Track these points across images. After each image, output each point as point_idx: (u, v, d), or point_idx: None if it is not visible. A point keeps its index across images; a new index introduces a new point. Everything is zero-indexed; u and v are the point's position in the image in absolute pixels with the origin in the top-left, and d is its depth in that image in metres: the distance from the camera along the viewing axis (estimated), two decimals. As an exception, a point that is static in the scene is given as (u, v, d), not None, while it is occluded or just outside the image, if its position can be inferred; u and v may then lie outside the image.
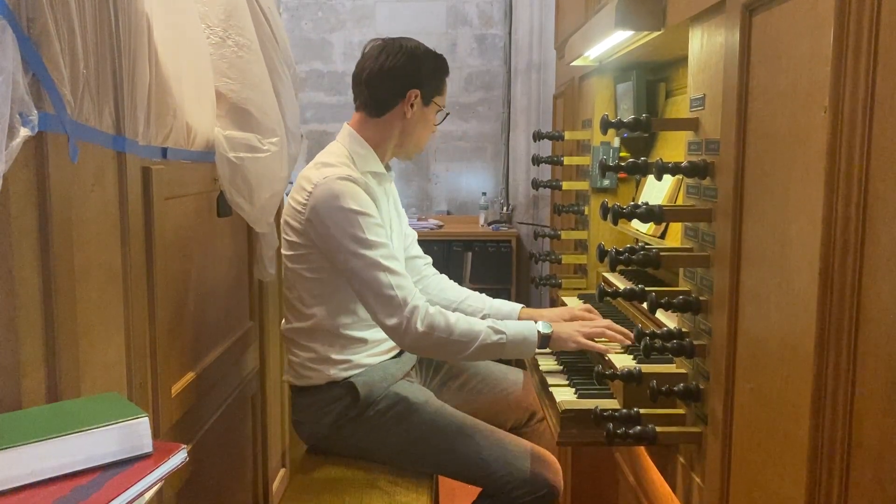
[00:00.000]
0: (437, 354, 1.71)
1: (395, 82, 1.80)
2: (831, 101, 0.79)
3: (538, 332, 1.71)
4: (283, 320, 1.87)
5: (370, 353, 1.79)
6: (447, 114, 1.92)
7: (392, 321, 1.65)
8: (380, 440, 1.76)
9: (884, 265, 0.72)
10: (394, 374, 1.81)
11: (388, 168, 1.90)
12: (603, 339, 1.68)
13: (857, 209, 0.76)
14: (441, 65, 1.87)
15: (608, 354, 1.59)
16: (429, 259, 2.13)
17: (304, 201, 1.70)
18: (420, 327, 1.64)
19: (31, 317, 0.98)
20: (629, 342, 1.64)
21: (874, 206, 0.74)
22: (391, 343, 1.83)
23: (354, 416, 1.75)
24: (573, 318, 1.84)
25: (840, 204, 0.78)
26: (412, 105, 1.81)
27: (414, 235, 2.10)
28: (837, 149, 0.78)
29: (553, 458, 1.79)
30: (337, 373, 1.76)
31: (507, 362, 1.98)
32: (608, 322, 1.72)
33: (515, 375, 2.05)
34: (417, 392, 1.80)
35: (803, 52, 0.86)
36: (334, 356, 1.76)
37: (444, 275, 2.13)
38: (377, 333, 1.80)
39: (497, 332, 1.68)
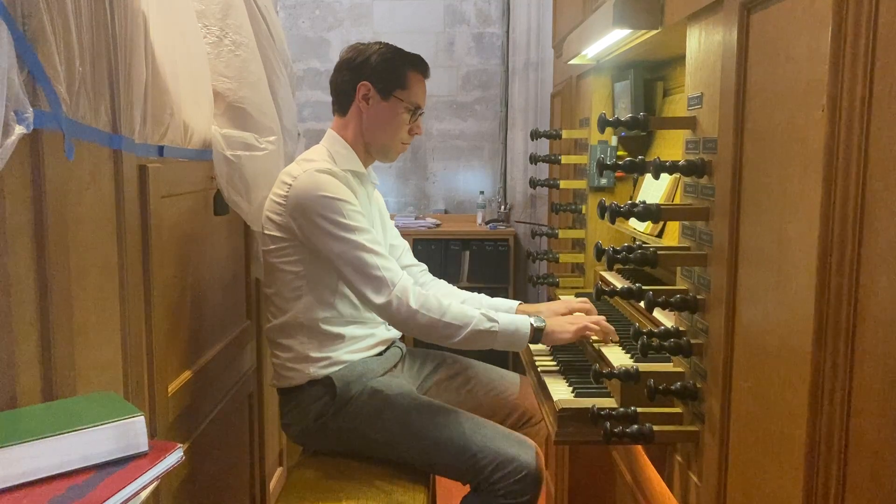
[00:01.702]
0: (427, 336, 1.69)
1: (345, 76, 1.82)
2: (829, 100, 0.79)
3: (531, 325, 1.71)
4: (265, 321, 1.86)
5: (349, 349, 1.79)
6: (417, 109, 1.84)
7: (381, 299, 1.65)
8: (361, 435, 1.76)
9: (881, 264, 0.72)
10: (374, 369, 1.80)
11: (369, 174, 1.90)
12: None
13: (854, 208, 0.76)
14: (398, 57, 1.82)
15: (602, 348, 1.60)
16: (424, 266, 2.12)
17: (286, 193, 1.71)
18: (413, 304, 1.65)
19: (26, 315, 0.97)
20: (616, 339, 1.66)
21: (872, 204, 0.74)
22: (372, 340, 1.83)
23: (334, 412, 1.75)
24: (570, 311, 1.84)
25: (838, 202, 0.78)
26: (367, 100, 1.81)
27: (406, 246, 2.09)
28: (835, 147, 0.78)
29: (533, 443, 1.77)
30: (316, 371, 1.75)
31: (505, 364, 1.98)
32: (598, 319, 1.72)
33: (512, 378, 2.04)
34: (395, 385, 1.79)
35: (801, 51, 0.85)
36: (313, 353, 1.76)
37: (441, 280, 2.12)
38: (356, 330, 1.80)
39: (490, 319, 1.69)
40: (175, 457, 0.96)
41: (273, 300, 1.80)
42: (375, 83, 1.80)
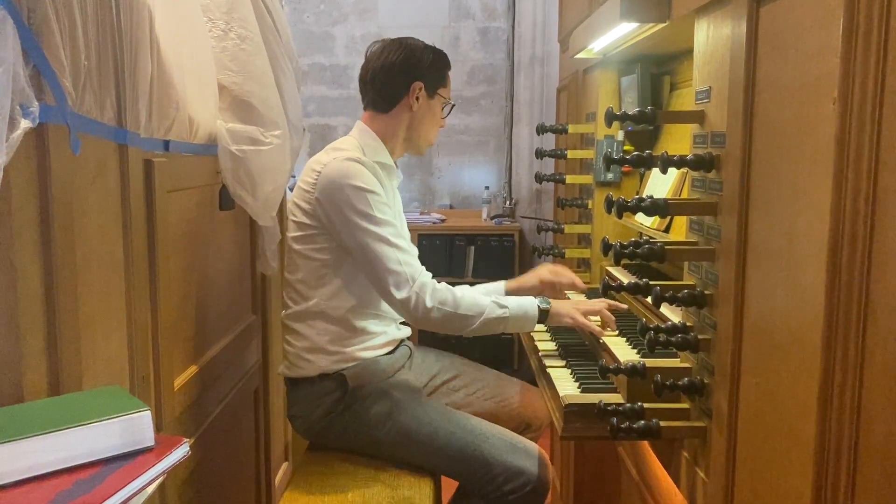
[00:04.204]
0: (444, 328, 1.74)
1: (399, 77, 1.87)
2: (840, 93, 0.78)
3: (538, 306, 1.76)
4: (283, 307, 1.89)
5: (363, 346, 1.80)
6: (452, 105, 1.98)
7: (401, 294, 1.68)
8: (367, 436, 1.77)
9: (893, 258, 0.72)
10: (384, 369, 1.82)
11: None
12: (597, 321, 1.75)
13: (865, 202, 0.75)
14: (441, 58, 1.93)
15: (608, 343, 1.61)
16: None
17: (314, 181, 1.74)
18: (429, 302, 1.68)
19: (32, 310, 0.97)
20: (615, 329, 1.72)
21: (883, 198, 0.73)
22: (385, 338, 1.85)
23: (343, 409, 1.77)
24: (543, 280, 1.94)
25: (848, 196, 0.77)
26: (417, 98, 1.87)
27: (414, 252, 2.11)
28: (846, 140, 0.78)
29: (542, 452, 1.80)
30: (329, 364, 1.77)
31: (510, 361, 2.01)
32: (605, 302, 1.77)
33: (515, 386, 2.06)
34: (405, 388, 1.81)
35: (812, 43, 0.85)
36: (329, 347, 1.78)
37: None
38: (372, 326, 1.82)
39: (501, 306, 1.74)
40: (181, 451, 0.96)
41: (296, 287, 1.82)
42: (426, 82, 1.87)
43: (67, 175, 1.04)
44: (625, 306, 1.76)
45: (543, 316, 1.77)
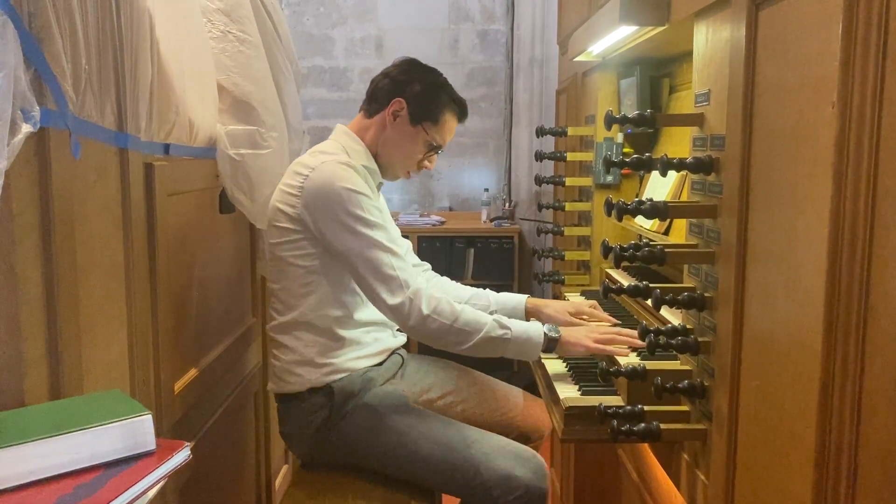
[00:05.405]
0: (438, 342, 1.65)
1: (387, 86, 1.82)
2: (840, 96, 0.78)
3: (545, 334, 1.64)
4: (268, 318, 1.81)
5: (353, 356, 1.73)
6: (438, 149, 1.85)
7: (395, 301, 1.60)
8: (358, 451, 1.71)
9: (892, 261, 0.72)
10: (374, 379, 1.75)
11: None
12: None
13: (865, 205, 0.76)
14: (441, 93, 1.82)
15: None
16: (427, 265, 2.08)
17: (300, 184, 1.66)
18: (425, 310, 1.60)
19: (33, 314, 0.98)
20: (639, 344, 1.55)
21: (883, 201, 0.74)
22: (377, 347, 1.78)
23: (331, 426, 1.70)
24: (578, 313, 1.82)
25: (848, 199, 0.77)
26: (395, 116, 1.79)
27: (408, 245, 2.03)
28: (846, 144, 0.78)
29: (539, 458, 1.72)
30: (318, 378, 1.69)
31: (510, 364, 1.94)
32: (618, 329, 1.67)
33: (516, 396, 1.98)
34: (389, 400, 1.73)
35: (811, 47, 0.85)
36: (317, 359, 1.70)
37: (444, 277, 2.08)
38: (362, 335, 1.75)
39: (503, 326, 1.64)
40: (182, 455, 0.96)
41: (279, 296, 1.74)
42: (410, 105, 1.79)
43: (68, 179, 1.04)
44: (639, 343, 1.65)
45: (552, 345, 1.64)
